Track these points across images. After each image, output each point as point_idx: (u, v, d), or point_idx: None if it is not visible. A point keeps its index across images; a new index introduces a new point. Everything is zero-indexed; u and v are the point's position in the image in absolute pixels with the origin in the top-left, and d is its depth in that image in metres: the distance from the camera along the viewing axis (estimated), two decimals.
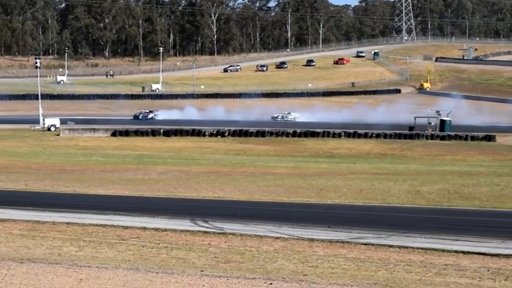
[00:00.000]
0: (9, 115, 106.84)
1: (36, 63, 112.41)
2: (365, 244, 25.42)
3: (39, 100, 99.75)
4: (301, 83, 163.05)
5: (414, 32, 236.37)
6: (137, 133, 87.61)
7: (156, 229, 27.61)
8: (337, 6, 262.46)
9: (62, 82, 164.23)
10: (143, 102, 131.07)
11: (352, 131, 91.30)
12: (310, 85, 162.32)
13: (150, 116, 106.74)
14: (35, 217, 29.90)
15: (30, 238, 25.78)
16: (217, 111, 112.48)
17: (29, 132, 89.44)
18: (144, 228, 27.73)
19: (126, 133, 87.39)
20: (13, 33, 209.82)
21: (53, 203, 34.51)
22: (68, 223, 28.66)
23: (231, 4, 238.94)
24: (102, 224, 28.40)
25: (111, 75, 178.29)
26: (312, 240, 26.25)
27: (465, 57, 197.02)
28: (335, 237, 26.80)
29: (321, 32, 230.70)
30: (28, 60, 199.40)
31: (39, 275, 20.02)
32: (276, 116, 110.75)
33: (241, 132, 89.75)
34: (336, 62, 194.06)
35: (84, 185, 44.01)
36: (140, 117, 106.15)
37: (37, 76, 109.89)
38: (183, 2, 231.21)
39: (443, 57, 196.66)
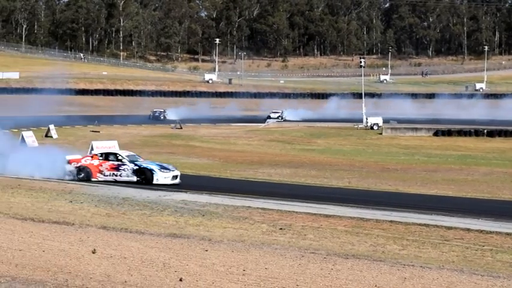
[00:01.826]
0: (332, 113, 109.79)
1: (360, 62, 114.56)
2: None
3: (363, 99, 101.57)
4: None
5: None
6: (460, 133, 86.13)
7: (481, 231, 26.90)
8: None
9: (385, 81, 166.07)
10: (463, 102, 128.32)
11: None
12: None
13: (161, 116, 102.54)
14: (358, 214, 30.33)
15: (354, 234, 26.21)
16: None
17: (353, 131, 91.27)
18: (468, 230, 27.12)
19: (448, 133, 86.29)
20: (338, 33, 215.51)
21: (376, 201, 34.83)
22: (391, 221, 28.77)
23: None
24: (425, 224, 28.18)
25: (425, 74, 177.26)
26: None
27: None
28: None
29: None
30: (352, 60, 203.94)
31: (364, 272, 20.31)
32: None
33: None
34: None
35: (406, 184, 44.01)
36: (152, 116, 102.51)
37: (361, 75, 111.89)
38: None
39: None
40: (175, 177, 39.65)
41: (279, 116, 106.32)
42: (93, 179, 39.66)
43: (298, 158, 61.86)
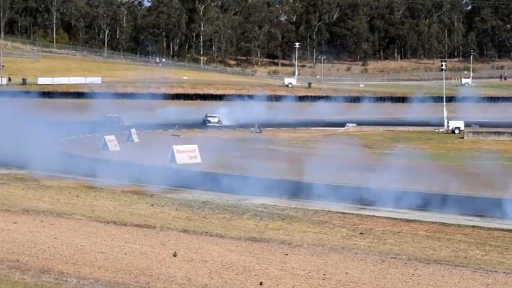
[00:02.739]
0: (416, 117, 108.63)
1: (441, 65, 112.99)
2: None
3: (444, 103, 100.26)
4: None
5: None
6: None
7: None
8: None
9: (466, 84, 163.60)
10: None
11: None
12: None
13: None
14: (439, 219, 29.99)
15: (435, 239, 25.93)
16: None
17: (434, 135, 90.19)
18: None
19: None
20: (419, 36, 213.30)
21: (457, 206, 34.28)
22: (473, 226, 28.39)
23: None
24: (509, 229, 27.72)
25: (504, 77, 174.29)
26: None
27: None
28: None
29: None
30: (433, 63, 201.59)
31: (446, 277, 20.07)
32: None
33: None
34: None
35: (488, 188, 43.23)
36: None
37: (442, 79, 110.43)
38: None
39: None
40: None
41: (219, 121, 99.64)
42: None
43: (378, 162, 61.34)
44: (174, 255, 21.86)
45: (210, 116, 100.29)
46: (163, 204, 32.48)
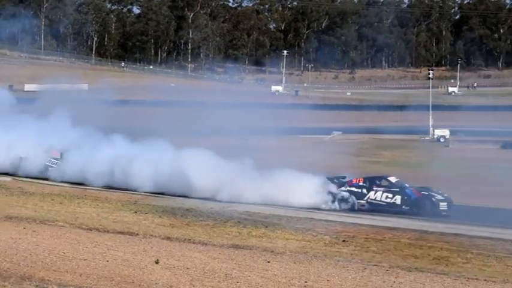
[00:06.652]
0: (398, 125, 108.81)
1: (428, 74, 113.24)
2: None
3: (430, 111, 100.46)
4: None
5: None
6: None
7: None
8: None
9: (453, 93, 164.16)
10: None
11: None
12: None
13: None
14: (421, 227, 30.12)
15: (417, 247, 26.06)
16: None
17: (418, 143, 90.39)
18: None
19: None
20: (407, 44, 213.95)
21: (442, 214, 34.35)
22: (455, 234, 28.51)
23: None
24: (490, 237, 27.85)
25: (473, 87, 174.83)
26: None
27: None
28: None
29: None
30: (421, 72, 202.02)
31: (427, 285, 20.20)
32: None
33: None
34: None
35: (473, 196, 43.36)
36: None
37: (429, 87, 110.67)
38: None
39: None
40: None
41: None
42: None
43: (365, 169, 61.45)
44: (156, 262, 21.88)
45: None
46: (147, 212, 32.47)
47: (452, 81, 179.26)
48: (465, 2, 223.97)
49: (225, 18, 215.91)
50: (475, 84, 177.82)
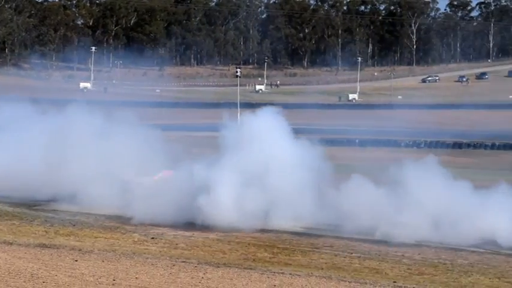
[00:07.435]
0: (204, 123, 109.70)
1: (236, 72, 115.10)
2: None
3: (238, 109, 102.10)
4: (502, 94, 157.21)
5: None
6: (333, 143, 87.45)
7: (350, 238, 27.51)
8: None
9: (260, 91, 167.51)
10: (337, 112, 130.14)
11: None
12: (511, 97, 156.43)
13: None
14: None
15: (226, 243, 26.40)
16: None
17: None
18: (338, 237, 27.68)
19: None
20: (216, 42, 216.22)
21: None
22: (262, 230, 29.06)
23: (432, 14, 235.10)
24: (296, 232, 28.62)
25: (276, 85, 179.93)
26: (509, 255, 25.39)
27: None
28: None
29: None
30: (229, 70, 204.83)
31: (234, 280, 20.48)
32: None
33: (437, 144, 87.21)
34: None
35: None
36: None
37: (237, 85, 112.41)
38: (383, 12, 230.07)
39: None
40: None
41: None
42: None
43: None
44: None
45: None
46: None
47: (259, 79, 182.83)
48: (271, 2, 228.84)
49: (31, 13, 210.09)
50: (278, 83, 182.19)
